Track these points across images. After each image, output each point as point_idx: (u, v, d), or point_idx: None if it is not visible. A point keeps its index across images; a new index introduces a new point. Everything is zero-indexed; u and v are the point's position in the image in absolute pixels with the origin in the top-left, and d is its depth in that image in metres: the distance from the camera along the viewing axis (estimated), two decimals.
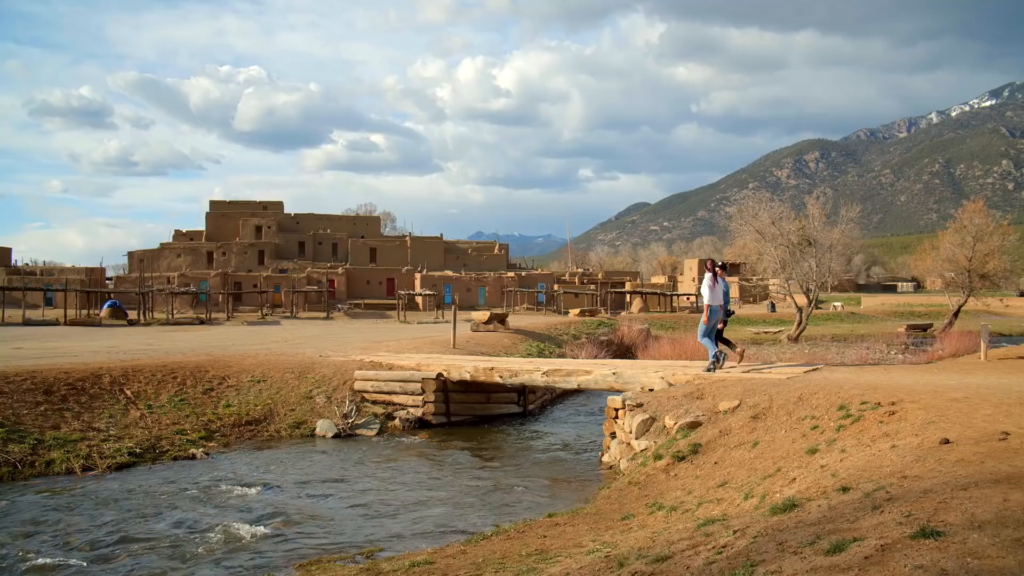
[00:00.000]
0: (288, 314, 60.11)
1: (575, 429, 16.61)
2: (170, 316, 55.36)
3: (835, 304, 62.99)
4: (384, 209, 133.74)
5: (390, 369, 17.58)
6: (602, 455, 13.08)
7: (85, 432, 13.86)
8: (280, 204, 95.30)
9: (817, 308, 58.26)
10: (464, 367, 16.65)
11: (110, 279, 79.22)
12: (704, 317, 13.27)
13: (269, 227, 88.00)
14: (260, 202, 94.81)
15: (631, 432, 11.89)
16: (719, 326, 13.75)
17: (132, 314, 53.18)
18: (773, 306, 58.27)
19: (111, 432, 14.10)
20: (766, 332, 40.45)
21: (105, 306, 54.28)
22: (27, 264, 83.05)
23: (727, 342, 14.15)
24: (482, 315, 28.20)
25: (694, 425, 11.20)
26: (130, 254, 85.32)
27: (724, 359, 13.67)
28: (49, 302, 62.92)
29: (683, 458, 10.30)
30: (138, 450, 13.48)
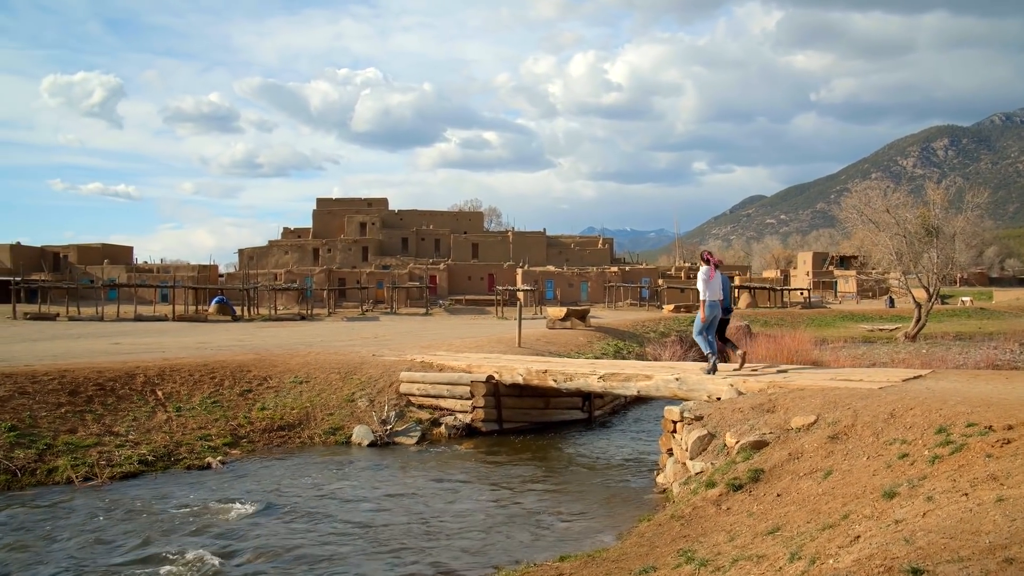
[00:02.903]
0: (388, 310, 59.90)
1: (642, 441, 14.73)
2: (272, 312, 56.00)
3: (963, 299, 58.16)
4: (492, 205, 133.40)
5: (440, 370, 16.12)
6: (657, 475, 11.22)
7: (101, 437, 12.93)
8: (384, 201, 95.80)
9: (942, 303, 53.88)
10: (517, 369, 15.01)
11: (222, 276, 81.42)
12: (701, 314, 12.06)
13: (373, 224, 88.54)
14: (365, 199, 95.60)
15: (687, 450, 10.02)
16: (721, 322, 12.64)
17: (240, 310, 54.00)
18: (892, 301, 54.15)
19: (129, 437, 13.13)
20: (881, 329, 37.15)
21: (213, 302, 55.41)
22: (145, 262, 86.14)
23: (727, 342, 13.00)
24: (558, 311, 26.41)
25: (759, 445, 9.24)
26: (240, 251, 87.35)
27: (716, 364, 12.41)
28: (165, 298, 64.85)
29: (740, 487, 8.37)
30: (150, 457, 12.42)
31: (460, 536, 8.74)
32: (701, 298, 12.08)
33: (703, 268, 12.14)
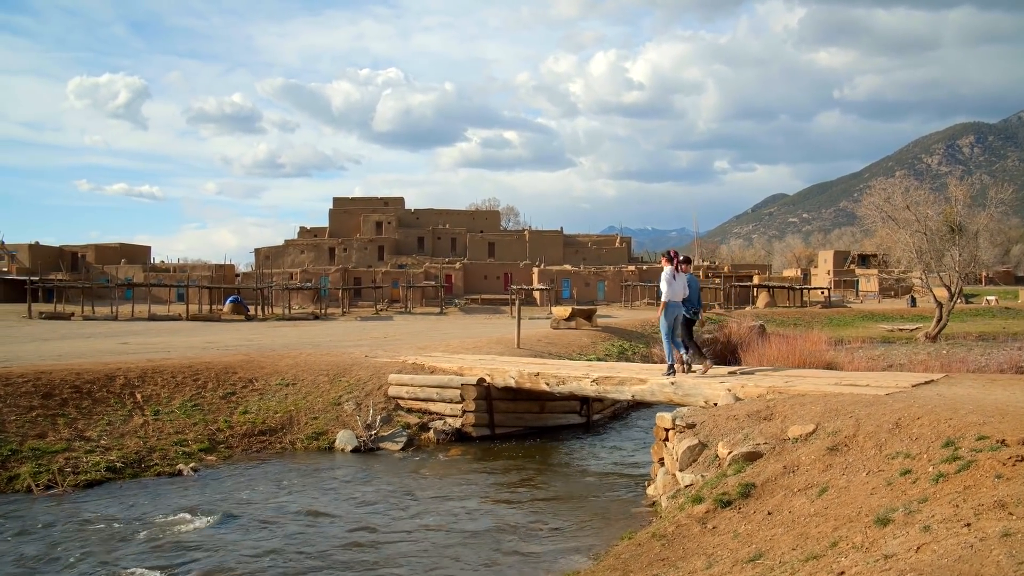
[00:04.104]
0: (403, 309, 59.40)
1: (641, 448, 13.96)
2: (285, 311, 55.67)
3: (987, 298, 56.71)
4: (510, 204, 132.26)
5: (431, 372, 15.47)
6: (648, 486, 10.51)
7: (71, 442, 12.37)
8: (401, 200, 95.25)
9: (967, 302, 52.57)
10: (508, 371, 14.32)
11: (238, 276, 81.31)
12: (659, 313, 11.86)
13: (389, 223, 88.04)
14: (381, 198, 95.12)
15: (677, 460, 9.30)
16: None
17: (254, 309, 53.73)
18: (914, 300, 52.90)
19: (101, 442, 12.57)
20: (901, 329, 36.11)
21: (227, 301, 55.17)
22: (162, 262, 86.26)
23: (697, 347, 12.68)
24: (563, 311, 25.65)
25: (752, 456, 8.50)
26: (257, 251, 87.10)
27: (689, 365, 12.14)
28: (182, 298, 64.72)
29: (729, 503, 7.65)
30: (119, 464, 11.86)
31: (408, 558, 7.99)
32: (663, 299, 11.71)
33: (667, 269, 11.75)
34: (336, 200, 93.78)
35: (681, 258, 12.12)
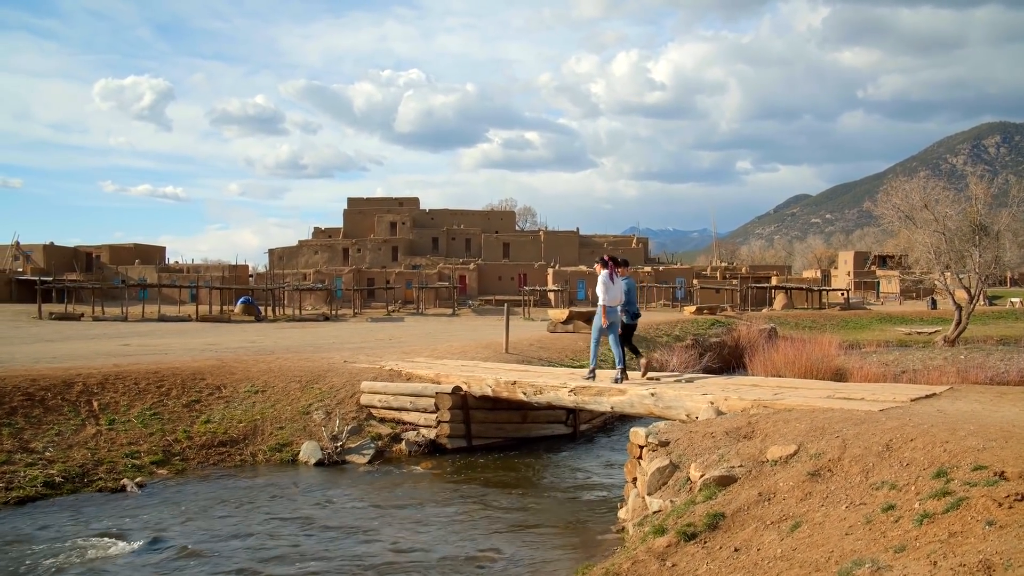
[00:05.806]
0: (415, 310, 58.67)
1: (623, 464, 13.04)
2: (296, 312, 55.13)
3: (1012, 300, 55.07)
4: (527, 204, 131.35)
5: (408, 380, 14.61)
6: (620, 508, 9.59)
7: (12, 454, 11.60)
8: (416, 200, 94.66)
9: (990, 304, 51.04)
10: (485, 380, 13.42)
11: (252, 276, 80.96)
12: (601, 319, 11.30)
13: (404, 223, 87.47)
14: (396, 199, 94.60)
15: (647, 483, 8.38)
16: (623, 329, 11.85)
17: (265, 310, 53.22)
18: (934, 303, 51.43)
19: (46, 454, 11.79)
20: (919, 332, 34.88)
21: (239, 302, 54.67)
22: (176, 262, 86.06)
23: (634, 349, 12.29)
24: (560, 313, 24.67)
25: (725, 481, 7.55)
26: (271, 251, 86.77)
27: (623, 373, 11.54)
28: (194, 298, 64.38)
29: (693, 536, 6.72)
30: (59, 479, 11.06)
31: None
32: (600, 302, 11.39)
33: (603, 273, 11.36)
34: (351, 200, 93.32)
35: (619, 260, 11.62)
